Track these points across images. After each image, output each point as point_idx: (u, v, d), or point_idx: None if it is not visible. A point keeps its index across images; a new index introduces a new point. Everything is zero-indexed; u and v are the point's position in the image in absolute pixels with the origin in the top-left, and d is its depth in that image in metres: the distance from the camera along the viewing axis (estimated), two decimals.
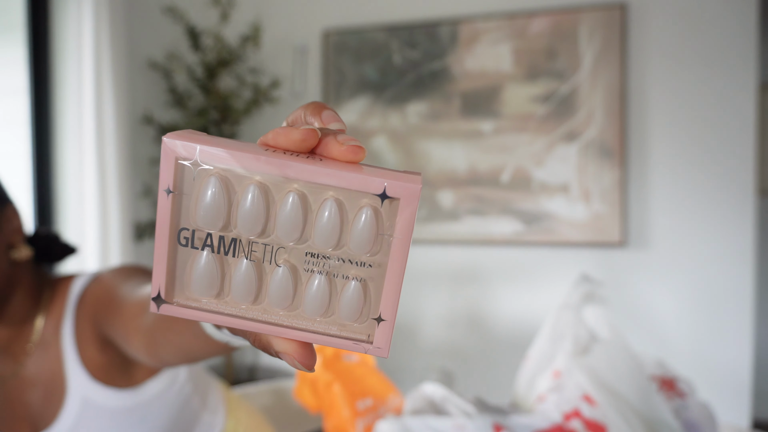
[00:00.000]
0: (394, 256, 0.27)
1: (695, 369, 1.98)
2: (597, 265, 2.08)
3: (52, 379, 0.72)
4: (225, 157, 0.26)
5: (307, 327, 0.28)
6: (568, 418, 0.75)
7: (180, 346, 0.50)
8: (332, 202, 0.26)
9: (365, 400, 0.90)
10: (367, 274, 0.28)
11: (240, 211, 0.26)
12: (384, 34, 2.24)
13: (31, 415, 0.74)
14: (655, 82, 2.01)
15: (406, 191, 0.27)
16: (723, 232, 1.97)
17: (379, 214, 0.27)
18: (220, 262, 0.28)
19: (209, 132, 2.13)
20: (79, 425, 0.71)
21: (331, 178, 0.26)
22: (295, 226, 0.27)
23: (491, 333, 2.22)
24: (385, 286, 0.27)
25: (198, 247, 0.27)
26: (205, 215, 0.27)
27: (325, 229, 0.26)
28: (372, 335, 0.28)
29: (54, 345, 0.72)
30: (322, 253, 0.27)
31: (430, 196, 2.22)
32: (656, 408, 0.78)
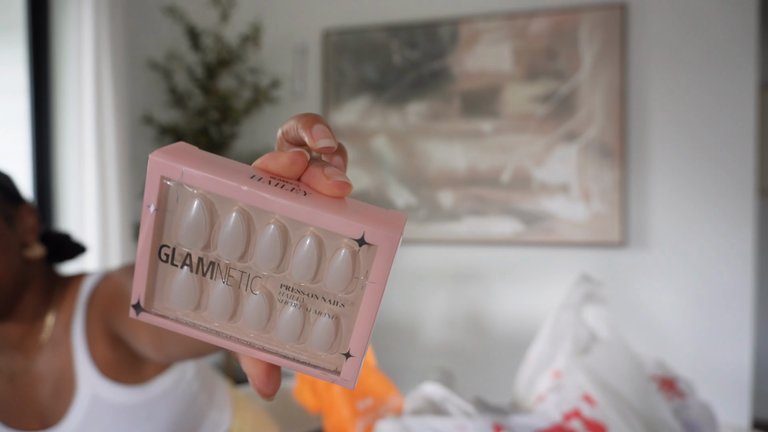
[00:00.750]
0: (368, 299, 0.27)
1: (695, 369, 1.98)
2: (597, 265, 2.08)
3: (62, 375, 0.73)
4: (209, 182, 0.26)
5: (278, 351, 0.29)
6: (568, 418, 0.75)
7: (184, 340, 0.51)
8: (311, 238, 0.26)
9: (365, 400, 0.90)
10: (339, 312, 0.28)
11: (221, 234, 0.27)
12: (384, 34, 2.24)
13: (40, 411, 0.74)
14: (655, 82, 2.02)
15: (384, 239, 0.26)
16: (723, 232, 1.97)
17: (357, 257, 0.27)
18: (198, 281, 0.28)
19: (209, 132, 2.13)
20: (88, 421, 0.72)
21: (310, 218, 0.26)
22: (273, 257, 0.27)
23: (491, 333, 2.22)
24: (356, 325, 0.27)
25: (177, 265, 0.28)
26: (186, 235, 0.27)
27: (302, 263, 0.27)
28: (340, 368, 0.29)
29: (64, 342, 0.74)
30: (297, 286, 0.28)
31: (430, 196, 2.22)
32: (656, 408, 0.78)
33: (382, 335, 2.32)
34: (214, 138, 2.14)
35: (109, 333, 0.72)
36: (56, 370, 0.73)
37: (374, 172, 2.27)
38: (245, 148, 2.41)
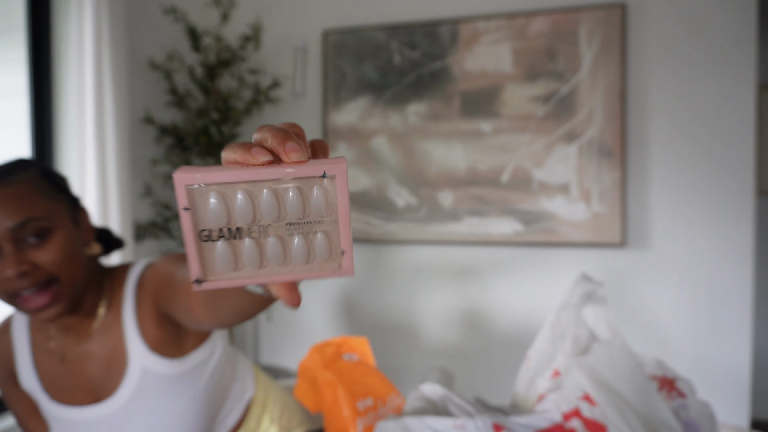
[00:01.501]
0: (341, 211, 0.39)
1: (695, 369, 1.98)
2: (597, 265, 2.08)
3: (114, 353, 0.84)
4: (216, 178, 0.37)
5: (297, 273, 0.41)
6: (567, 417, 0.75)
7: (233, 306, 0.62)
8: (293, 188, 0.38)
9: (365, 400, 0.91)
10: (327, 228, 0.40)
11: (235, 209, 0.38)
12: (384, 34, 2.24)
13: (92, 387, 0.85)
14: (655, 82, 2.02)
15: (337, 169, 0.38)
16: (723, 232, 1.97)
17: (325, 188, 0.39)
18: (231, 245, 0.39)
19: (210, 132, 2.13)
20: (138, 391, 0.83)
21: (287, 174, 0.38)
22: (273, 210, 0.39)
23: (491, 333, 2.22)
24: (341, 230, 0.39)
25: (215, 240, 0.39)
26: (213, 217, 0.38)
27: (294, 206, 0.39)
28: (341, 264, 0.40)
29: (115, 325, 0.84)
30: (296, 221, 0.39)
31: (430, 196, 2.22)
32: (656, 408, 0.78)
33: (382, 335, 2.33)
34: (214, 138, 2.14)
35: (158, 313, 0.83)
36: (108, 350, 0.84)
37: (374, 172, 2.27)
38: None
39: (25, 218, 0.73)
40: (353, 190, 2.30)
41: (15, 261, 0.72)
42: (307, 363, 0.92)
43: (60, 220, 0.77)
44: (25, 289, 0.73)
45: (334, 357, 0.95)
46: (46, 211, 0.76)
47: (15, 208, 0.73)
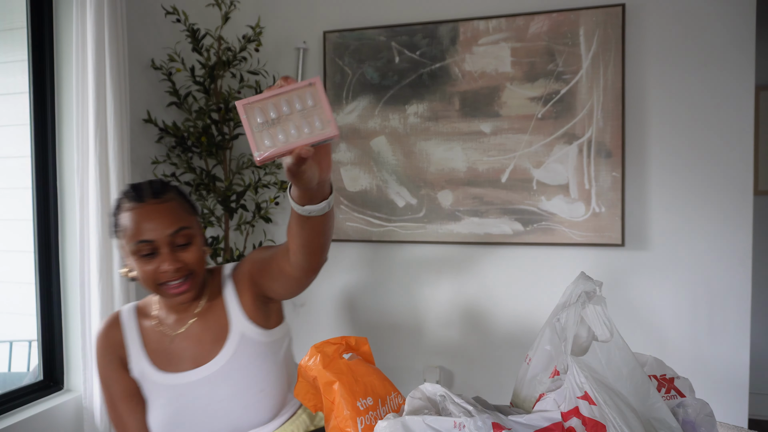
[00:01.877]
0: (322, 99, 0.65)
1: (694, 368, 1.98)
2: (596, 265, 2.08)
3: (217, 325, 1.07)
4: (255, 98, 0.64)
5: (307, 139, 0.65)
6: (567, 417, 0.76)
7: (300, 243, 0.87)
8: (295, 95, 0.65)
9: (365, 400, 0.91)
10: (318, 111, 0.65)
11: (269, 111, 0.64)
12: (384, 35, 2.24)
13: (196, 355, 1.06)
14: (655, 82, 2.02)
15: (315, 80, 0.65)
16: (722, 232, 1.97)
17: (312, 91, 0.65)
18: (270, 130, 0.64)
19: (210, 132, 2.14)
20: (237, 352, 1.06)
21: (290, 88, 0.65)
22: (287, 106, 0.64)
23: (491, 333, 2.23)
24: (324, 108, 0.65)
25: (261, 130, 0.64)
26: (260, 118, 0.64)
27: (300, 104, 0.65)
28: (330, 130, 0.65)
29: (216, 304, 1.09)
30: (304, 111, 0.65)
31: (430, 196, 2.22)
32: (655, 407, 0.79)
33: (382, 335, 2.33)
34: (214, 138, 2.15)
35: (253, 291, 1.08)
36: (211, 323, 1.07)
37: (374, 172, 2.28)
38: (246, 149, 2.42)
39: (179, 227, 1.00)
40: (353, 190, 2.31)
41: (171, 259, 0.98)
42: (307, 362, 0.93)
43: (197, 230, 1.04)
44: (173, 280, 0.99)
45: (334, 356, 0.96)
46: (190, 223, 1.03)
47: (172, 219, 0.99)
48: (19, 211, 1.89)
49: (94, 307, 1.78)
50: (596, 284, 0.86)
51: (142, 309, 1.13)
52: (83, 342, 1.79)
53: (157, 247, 0.98)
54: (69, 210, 1.85)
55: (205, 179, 2.14)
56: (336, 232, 2.32)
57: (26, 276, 1.89)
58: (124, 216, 1.00)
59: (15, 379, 2.09)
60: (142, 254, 0.99)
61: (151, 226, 0.97)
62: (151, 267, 0.99)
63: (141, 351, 1.08)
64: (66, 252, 1.87)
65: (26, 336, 2.03)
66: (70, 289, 1.87)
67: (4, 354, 2.05)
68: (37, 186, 1.82)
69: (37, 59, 1.81)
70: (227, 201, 2.13)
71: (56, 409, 1.77)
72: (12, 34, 1.91)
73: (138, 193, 1.01)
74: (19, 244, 1.92)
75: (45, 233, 1.85)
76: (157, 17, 2.18)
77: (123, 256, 1.04)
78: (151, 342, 1.08)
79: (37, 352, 1.86)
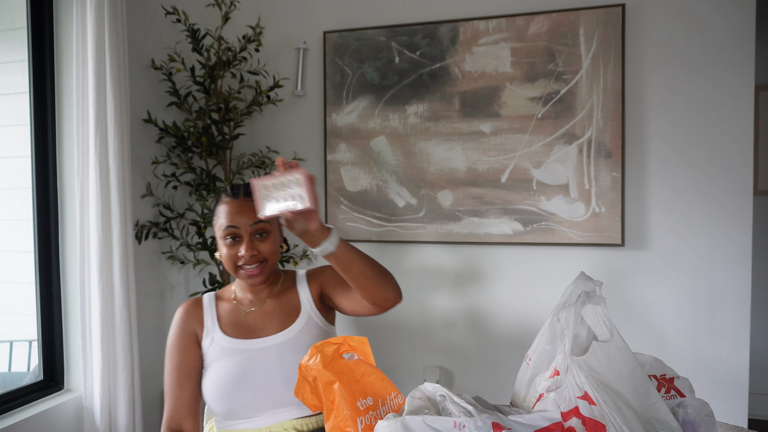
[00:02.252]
0: (302, 181, 0.99)
1: (693, 368, 1.98)
2: (596, 265, 2.08)
3: (290, 305, 1.29)
4: (265, 178, 1.01)
5: (289, 209, 0.98)
6: (567, 417, 0.76)
7: (346, 278, 1.15)
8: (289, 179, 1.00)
9: (365, 399, 0.91)
10: (300, 189, 0.99)
11: (270, 187, 1.00)
12: (384, 35, 2.24)
13: (264, 329, 1.25)
14: (655, 82, 2.02)
15: (301, 172, 0.98)
16: (722, 232, 1.97)
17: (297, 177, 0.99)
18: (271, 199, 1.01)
19: (210, 132, 2.14)
20: (302, 330, 1.25)
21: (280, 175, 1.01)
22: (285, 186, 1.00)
23: (491, 333, 2.23)
24: (304, 188, 0.99)
25: (265, 198, 1.00)
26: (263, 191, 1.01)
27: (290, 185, 0.98)
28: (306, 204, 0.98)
29: (291, 290, 1.31)
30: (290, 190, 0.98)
31: (430, 196, 2.22)
32: (655, 407, 0.79)
33: (382, 335, 2.33)
34: (214, 138, 2.15)
35: (319, 291, 1.31)
36: (284, 304, 1.29)
37: (374, 172, 2.28)
38: (246, 149, 2.42)
39: (258, 221, 1.21)
40: (353, 190, 2.31)
41: (250, 247, 1.20)
42: (307, 362, 0.93)
43: (273, 226, 1.26)
44: (248, 264, 1.21)
45: (334, 356, 0.96)
46: (269, 220, 1.23)
47: (255, 214, 1.18)
48: (19, 211, 1.89)
49: (94, 307, 1.78)
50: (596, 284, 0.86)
51: (219, 295, 1.34)
52: (83, 342, 1.79)
53: (240, 235, 1.20)
54: (69, 210, 1.85)
55: (205, 179, 2.14)
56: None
57: (26, 276, 1.89)
58: (221, 208, 1.23)
59: (15, 379, 2.09)
60: (228, 239, 1.21)
61: (238, 217, 1.20)
62: (233, 251, 1.21)
63: (215, 324, 1.27)
64: (66, 252, 1.87)
65: (26, 336, 2.03)
66: (70, 289, 1.87)
67: (4, 354, 2.05)
68: (37, 186, 1.82)
69: (37, 59, 1.81)
70: None
71: (56, 409, 1.77)
72: (12, 34, 1.91)
73: (234, 191, 1.24)
74: (19, 244, 1.92)
75: (45, 233, 1.85)
76: (157, 17, 2.18)
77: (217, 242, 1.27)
78: (226, 316, 1.28)
79: (37, 352, 1.86)
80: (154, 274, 2.21)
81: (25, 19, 1.79)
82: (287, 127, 2.42)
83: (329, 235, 1.06)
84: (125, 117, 1.86)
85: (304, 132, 2.40)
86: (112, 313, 1.82)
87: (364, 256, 1.12)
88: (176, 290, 2.35)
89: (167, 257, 2.23)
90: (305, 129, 2.40)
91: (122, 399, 1.82)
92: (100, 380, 1.78)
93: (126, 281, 1.84)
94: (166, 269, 2.28)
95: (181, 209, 2.26)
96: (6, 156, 1.95)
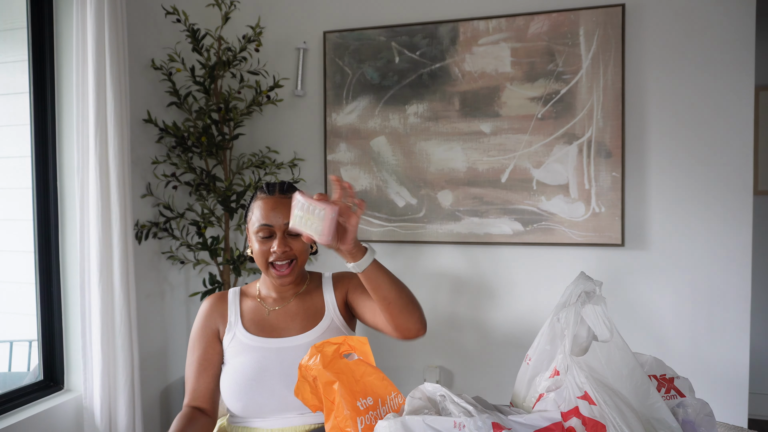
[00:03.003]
0: (325, 216, 0.97)
1: (693, 368, 1.98)
2: (596, 264, 2.08)
3: (315, 307, 1.29)
4: (306, 196, 1.01)
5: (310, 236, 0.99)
6: (566, 417, 0.76)
7: (374, 298, 1.14)
8: (317, 208, 0.98)
9: (365, 400, 0.91)
10: (322, 222, 0.97)
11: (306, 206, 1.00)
12: (384, 35, 2.24)
13: (287, 329, 1.26)
14: (655, 82, 2.02)
15: (326, 207, 0.97)
16: (722, 232, 1.97)
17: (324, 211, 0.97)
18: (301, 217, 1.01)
19: (210, 132, 2.14)
20: (326, 332, 1.26)
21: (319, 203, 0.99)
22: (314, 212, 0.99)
23: (491, 333, 2.23)
24: (325, 224, 0.98)
25: (298, 215, 1.01)
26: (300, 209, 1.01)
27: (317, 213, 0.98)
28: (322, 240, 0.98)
29: (316, 292, 1.31)
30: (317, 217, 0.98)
31: (430, 196, 2.22)
32: (655, 407, 0.79)
33: (382, 335, 2.32)
34: (214, 138, 2.15)
35: (344, 297, 1.32)
36: (308, 305, 1.29)
37: (374, 172, 2.28)
38: (246, 149, 2.42)
39: None
40: (353, 190, 2.31)
41: (282, 243, 1.20)
42: (307, 362, 0.93)
43: None
44: (279, 261, 1.21)
45: (334, 356, 0.96)
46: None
47: (289, 212, 1.14)
48: (19, 211, 1.89)
49: (94, 307, 1.78)
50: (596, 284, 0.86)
51: (244, 291, 1.34)
52: (83, 342, 1.79)
53: (274, 231, 1.21)
54: (69, 210, 1.85)
55: (205, 179, 2.14)
56: None
57: (26, 276, 1.89)
58: (256, 204, 1.24)
59: (15, 379, 2.09)
60: (261, 235, 1.21)
61: (272, 214, 1.21)
62: (265, 247, 1.21)
63: (238, 320, 1.27)
64: (66, 252, 1.87)
65: (26, 336, 2.03)
66: (70, 289, 1.87)
67: (4, 354, 2.05)
68: (37, 186, 1.82)
69: (37, 59, 1.81)
70: (227, 201, 2.13)
71: (56, 409, 1.77)
72: (12, 34, 1.91)
73: (270, 189, 1.24)
74: (19, 244, 1.92)
75: (45, 233, 1.85)
76: (157, 17, 2.18)
77: (247, 237, 1.28)
78: (249, 313, 1.29)
79: (37, 352, 1.86)
80: (154, 274, 2.21)
81: (25, 19, 1.79)
82: (287, 127, 2.42)
83: (361, 257, 1.07)
84: (125, 117, 1.85)
85: (304, 132, 2.40)
86: (112, 313, 1.82)
87: (393, 282, 1.13)
88: (176, 290, 2.35)
89: (167, 257, 2.23)
90: (305, 129, 2.39)
91: (122, 399, 1.82)
92: (100, 380, 1.78)
93: (126, 281, 1.84)
94: (166, 269, 2.28)
95: (181, 209, 2.26)
96: (6, 156, 1.95)
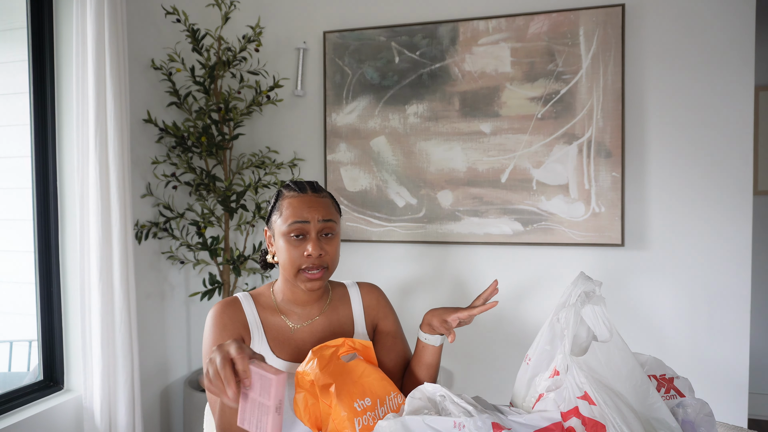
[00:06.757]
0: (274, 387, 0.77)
1: (693, 368, 1.98)
2: (596, 265, 2.08)
3: (342, 324, 1.19)
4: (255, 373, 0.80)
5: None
6: (566, 417, 0.76)
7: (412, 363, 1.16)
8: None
9: (363, 400, 0.91)
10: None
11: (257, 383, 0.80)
12: (384, 35, 2.24)
13: (308, 349, 1.13)
14: (655, 83, 2.02)
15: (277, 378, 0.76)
16: (721, 232, 1.97)
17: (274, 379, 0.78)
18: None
19: (210, 132, 2.14)
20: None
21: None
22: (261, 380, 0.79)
23: (491, 333, 2.23)
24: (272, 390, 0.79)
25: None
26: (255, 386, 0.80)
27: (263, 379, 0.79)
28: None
29: (342, 307, 1.21)
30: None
31: (430, 196, 2.22)
32: (655, 407, 0.79)
33: None
34: (214, 138, 2.15)
35: (374, 322, 1.23)
36: (335, 321, 1.18)
37: (374, 172, 2.28)
38: (246, 149, 2.42)
39: (329, 218, 1.11)
40: (353, 190, 2.31)
41: (316, 245, 1.07)
42: (303, 368, 0.93)
43: (338, 228, 1.14)
44: (311, 266, 1.08)
45: (331, 358, 0.96)
46: (336, 219, 1.14)
47: (325, 211, 1.11)
48: (19, 211, 1.89)
49: (94, 307, 1.78)
50: (596, 284, 0.86)
51: (256, 298, 1.18)
52: (83, 342, 1.79)
53: (308, 231, 1.09)
54: (69, 210, 1.85)
55: (205, 179, 2.14)
56: None
57: (26, 276, 1.89)
58: (285, 202, 1.12)
59: (15, 379, 2.09)
60: (293, 235, 1.09)
61: (307, 211, 1.10)
62: (298, 252, 1.08)
63: (262, 337, 1.14)
64: (66, 252, 1.87)
65: (26, 336, 2.03)
66: (70, 289, 1.87)
67: (4, 354, 2.05)
68: (37, 186, 1.82)
69: (37, 59, 1.81)
70: (227, 201, 2.13)
71: (56, 409, 1.77)
72: (12, 34, 1.91)
73: (300, 186, 1.15)
74: (19, 244, 1.92)
75: (45, 233, 1.85)
76: (157, 17, 2.18)
77: (272, 241, 1.15)
78: (272, 330, 1.15)
79: (37, 352, 1.86)
80: (154, 274, 2.21)
81: (25, 19, 1.79)
82: (287, 127, 2.42)
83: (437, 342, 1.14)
84: (125, 117, 1.85)
85: (304, 132, 2.40)
86: (112, 313, 1.82)
87: (432, 369, 1.15)
88: (176, 290, 2.35)
89: (167, 257, 2.23)
90: (305, 129, 2.39)
91: (122, 399, 1.82)
92: (100, 380, 1.78)
93: (126, 281, 1.84)
94: (166, 269, 2.28)
95: (181, 209, 2.26)
96: (6, 156, 1.95)
